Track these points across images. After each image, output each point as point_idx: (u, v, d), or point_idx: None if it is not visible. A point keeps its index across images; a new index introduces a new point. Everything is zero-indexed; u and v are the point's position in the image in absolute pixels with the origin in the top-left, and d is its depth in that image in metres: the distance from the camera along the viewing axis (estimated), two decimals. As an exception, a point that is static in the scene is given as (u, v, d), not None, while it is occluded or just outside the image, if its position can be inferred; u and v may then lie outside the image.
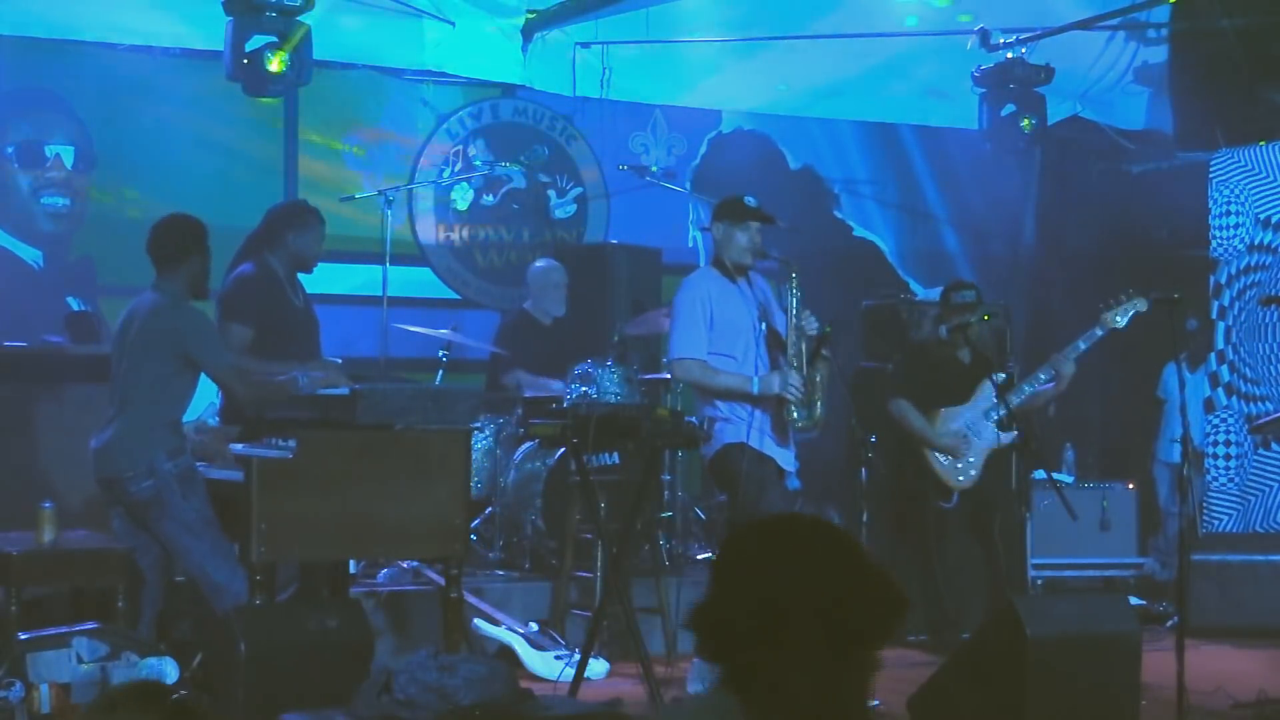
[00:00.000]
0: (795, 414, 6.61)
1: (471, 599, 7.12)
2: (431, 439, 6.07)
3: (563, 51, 9.98)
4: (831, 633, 2.27)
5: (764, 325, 6.73)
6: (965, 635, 6.96)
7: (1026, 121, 9.89)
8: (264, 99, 8.61)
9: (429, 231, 9.99)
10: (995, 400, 7.61)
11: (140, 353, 6.16)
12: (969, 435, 7.79)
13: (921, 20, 10.16)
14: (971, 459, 7.78)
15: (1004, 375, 7.77)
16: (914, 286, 10.57)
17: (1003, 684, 5.73)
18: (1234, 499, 9.31)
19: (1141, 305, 7.62)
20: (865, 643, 2.31)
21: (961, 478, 7.79)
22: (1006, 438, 7.82)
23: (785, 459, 6.74)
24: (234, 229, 7.19)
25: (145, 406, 6.11)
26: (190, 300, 6.27)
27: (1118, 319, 7.60)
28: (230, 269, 7.18)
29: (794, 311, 6.65)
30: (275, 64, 8.03)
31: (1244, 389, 9.39)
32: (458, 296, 10.01)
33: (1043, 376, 7.76)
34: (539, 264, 9.14)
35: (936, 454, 7.79)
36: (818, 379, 6.70)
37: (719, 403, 6.65)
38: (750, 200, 6.75)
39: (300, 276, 7.26)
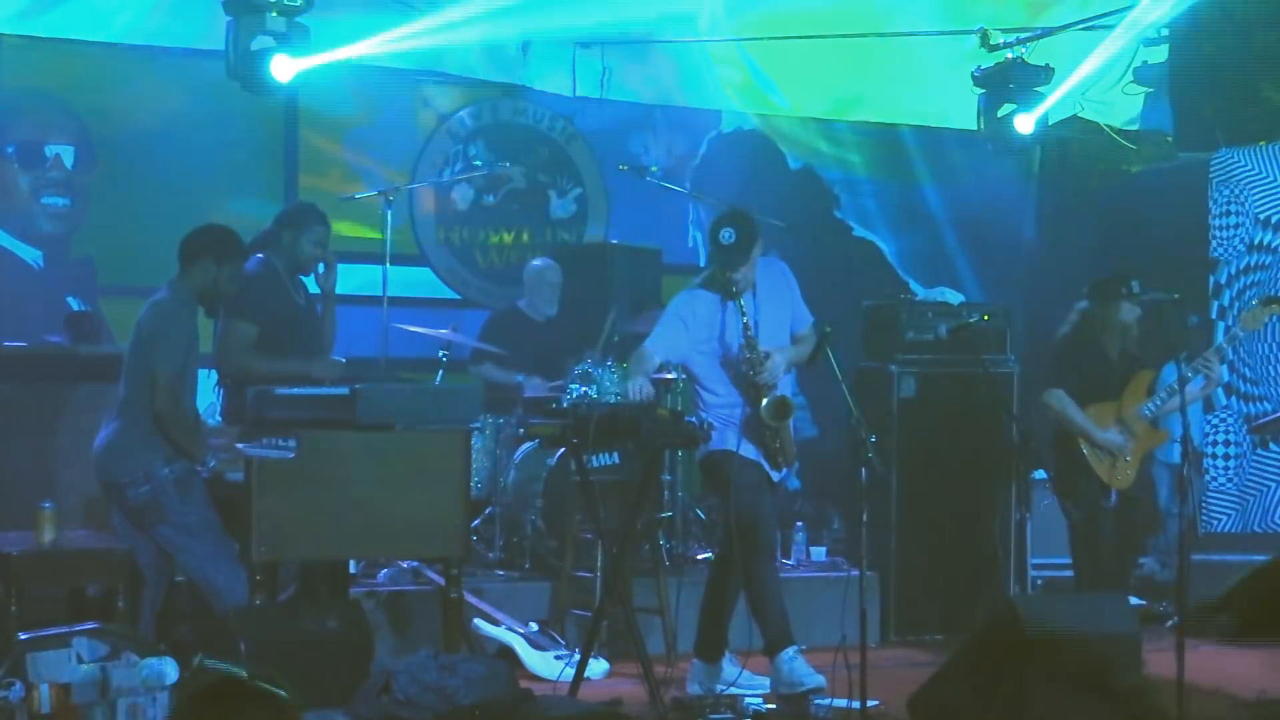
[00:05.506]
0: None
1: (471, 599, 7.12)
2: (431, 439, 6.07)
3: (563, 51, 9.98)
4: None
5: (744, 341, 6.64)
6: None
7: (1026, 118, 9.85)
8: (264, 99, 8.59)
9: (429, 231, 9.98)
10: (1147, 397, 7.37)
11: (136, 352, 6.16)
12: (1125, 434, 7.42)
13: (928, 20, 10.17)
14: (1128, 458, 7.42)
15: (1154, 372, 7.45)
16: (914, 286, 10.56)
17: (1003, 684, 5.73)
18: (1233, 499, 9.31)
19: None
20: None
21: (1120, 476, 7.41)
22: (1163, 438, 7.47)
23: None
24: (234, 229, 7.17)
25: (143, 409, 6.10)
26: (195, 304, 6.28)
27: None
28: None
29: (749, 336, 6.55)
30: (281, 69, 7.98)
31: (1243, 389, 9.39)
32: (458, 296, 10.01)
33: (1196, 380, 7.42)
34: (536, 262, 9.18)
35: (1095, 451, 7.35)
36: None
37: (713, 405, 6.65)
38: (726, 236, 6.45)
39: (303, 277, 7.26)
